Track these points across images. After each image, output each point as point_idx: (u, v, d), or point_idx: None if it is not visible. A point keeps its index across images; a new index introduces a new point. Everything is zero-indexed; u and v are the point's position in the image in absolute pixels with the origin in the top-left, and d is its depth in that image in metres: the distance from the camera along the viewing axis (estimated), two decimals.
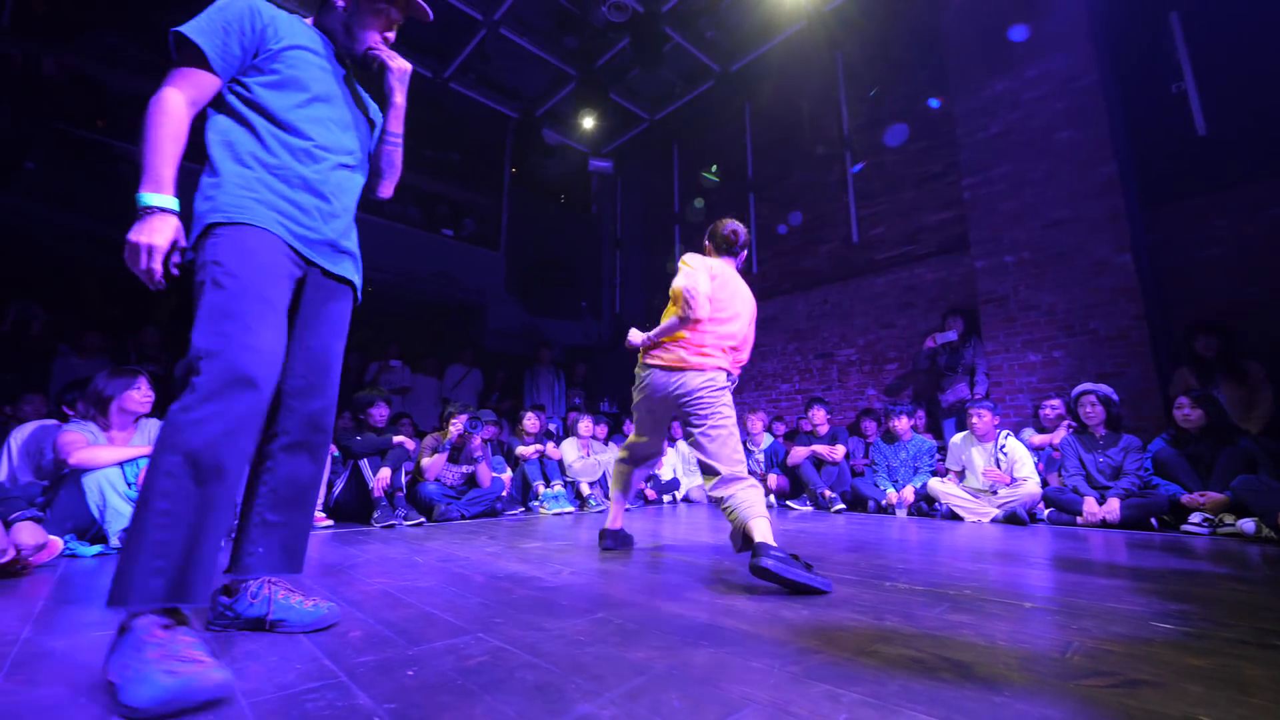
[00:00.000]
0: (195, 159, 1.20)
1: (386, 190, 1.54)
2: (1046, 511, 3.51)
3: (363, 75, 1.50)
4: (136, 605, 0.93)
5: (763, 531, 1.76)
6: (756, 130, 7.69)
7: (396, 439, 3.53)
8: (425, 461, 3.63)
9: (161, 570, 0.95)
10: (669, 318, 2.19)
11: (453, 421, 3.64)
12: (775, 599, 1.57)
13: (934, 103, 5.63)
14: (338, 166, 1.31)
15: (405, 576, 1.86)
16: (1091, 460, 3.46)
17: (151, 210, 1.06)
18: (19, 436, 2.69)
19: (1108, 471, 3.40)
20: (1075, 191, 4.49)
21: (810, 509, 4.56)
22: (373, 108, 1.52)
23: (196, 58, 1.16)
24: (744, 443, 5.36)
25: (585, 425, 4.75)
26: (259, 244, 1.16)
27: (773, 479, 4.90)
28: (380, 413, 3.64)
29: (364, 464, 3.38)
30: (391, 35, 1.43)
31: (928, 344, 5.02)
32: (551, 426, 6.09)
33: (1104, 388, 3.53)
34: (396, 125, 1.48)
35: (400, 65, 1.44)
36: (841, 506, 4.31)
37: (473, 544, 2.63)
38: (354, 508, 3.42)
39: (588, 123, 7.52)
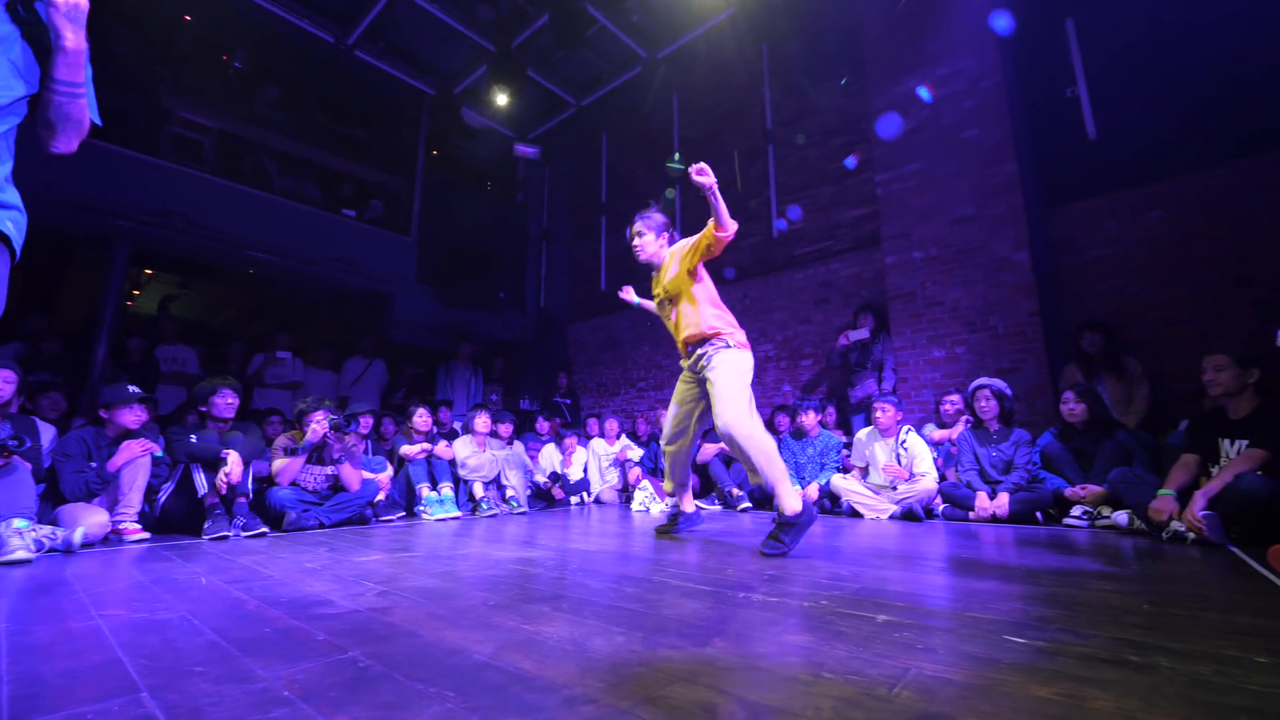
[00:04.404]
0: None
1: (62, 145, 1.27)
2: (942, 507, 3.47)
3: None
4: None
5: None
6: (685, 121, 7.52)
7: (231, 435, 3.06)
8: (277, 464, 3.18)
9: None
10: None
11: (310, 419, 3.21)
12: (601, 620, 1.31)
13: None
14: None
15: (156, 604, 1.49)
16: (985, 455, 3.44)
17: None
18: None
19: (1000, 466, 3.38)
20: (980, 189, 4.53)
21: (719, 508, 4.39)
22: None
23: None
24: (658, 439, 5.14)
25: (482, 421, 4.39)
26: None
27: None
28: (226, 402, 3.14)
29: (195, 468, 2.91)
30: None
31: (840, 341, 4.97)
32: (458, 425, 5.67)
33: (998, 382, 3.52)
34: (67, 72, 1.20)
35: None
36: (748, 505, 4.17)
37: (299, 558, 2.25)
38: (184, 517, 2.93)
39: (503, 100, 7.11)
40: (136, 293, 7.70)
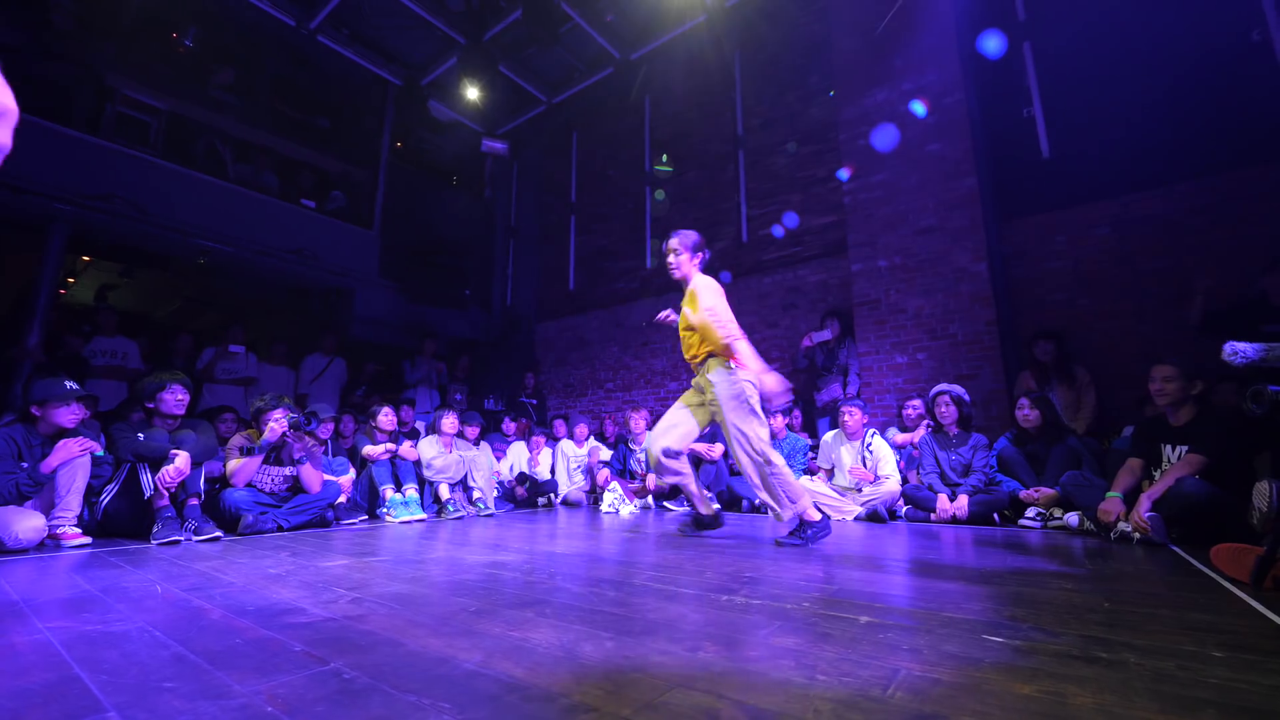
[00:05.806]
0: None
1: None
2: (905, 509, 3.58)
3: None
4: None
5: None
6: (656, 124, 7.54)
7: (182, 434, 2.90)
8: (232, 465, 3.03)
9: None
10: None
11: (269, 418, 3.07)
12: (586, 625, 1.30)
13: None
14: None
15: (109, 614, 1.39)
16: (945, 458, 3.57)
17: None
18: None
19: (959, 469, 3.51)
20: (941, 201, 4.70)
21: (687, 510, 4.41)
22: None
23: None
24: (626, 441, 5.14)
25: (450, 422, 4.28)
26: None
27: (651, 479, 4.71)
28: (176, 399, 2.96)
29: (142, 468, 2.74)
30: None
31: (805, 343, 5.08)
32: (420, 425, 5.53)
33: (957, 388, 3.66)
34: None
35: None
36: (716, 506, 4.18)
37: (260, 563, 2.15)
38: (129, 520, 2.76)
39: (472, 94, 6.98)
40: (71, 280, 7.22)
